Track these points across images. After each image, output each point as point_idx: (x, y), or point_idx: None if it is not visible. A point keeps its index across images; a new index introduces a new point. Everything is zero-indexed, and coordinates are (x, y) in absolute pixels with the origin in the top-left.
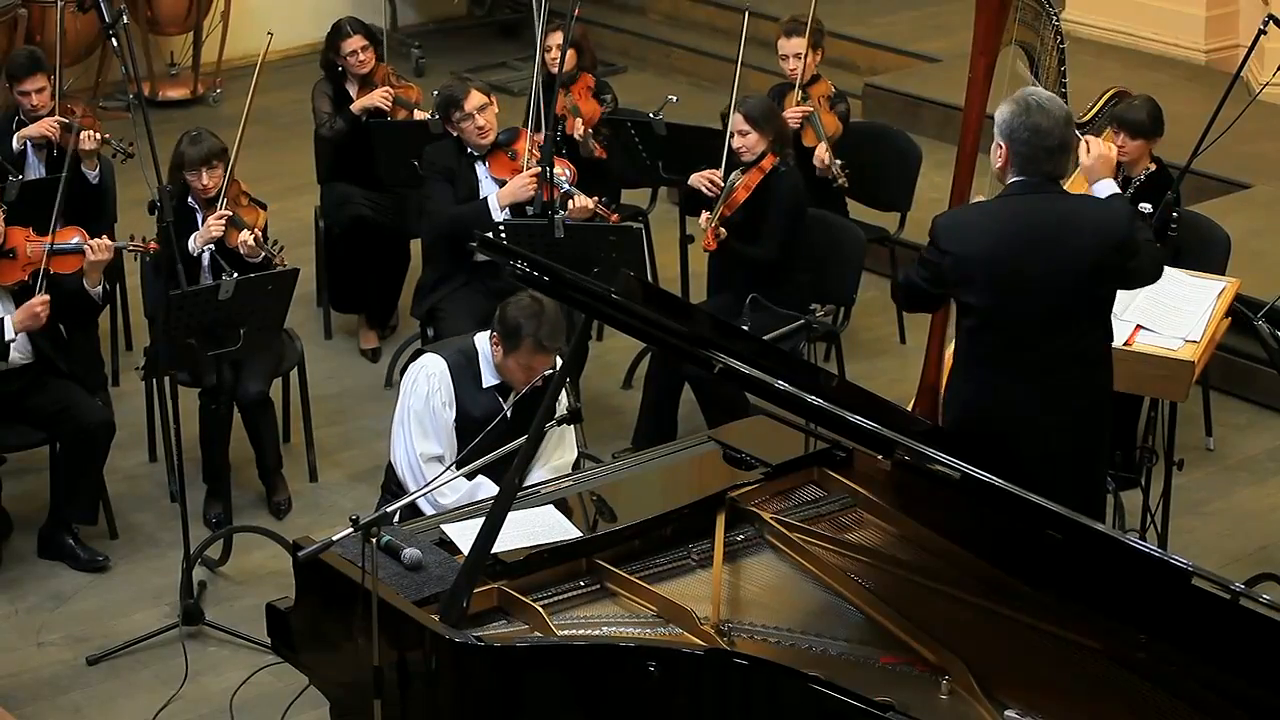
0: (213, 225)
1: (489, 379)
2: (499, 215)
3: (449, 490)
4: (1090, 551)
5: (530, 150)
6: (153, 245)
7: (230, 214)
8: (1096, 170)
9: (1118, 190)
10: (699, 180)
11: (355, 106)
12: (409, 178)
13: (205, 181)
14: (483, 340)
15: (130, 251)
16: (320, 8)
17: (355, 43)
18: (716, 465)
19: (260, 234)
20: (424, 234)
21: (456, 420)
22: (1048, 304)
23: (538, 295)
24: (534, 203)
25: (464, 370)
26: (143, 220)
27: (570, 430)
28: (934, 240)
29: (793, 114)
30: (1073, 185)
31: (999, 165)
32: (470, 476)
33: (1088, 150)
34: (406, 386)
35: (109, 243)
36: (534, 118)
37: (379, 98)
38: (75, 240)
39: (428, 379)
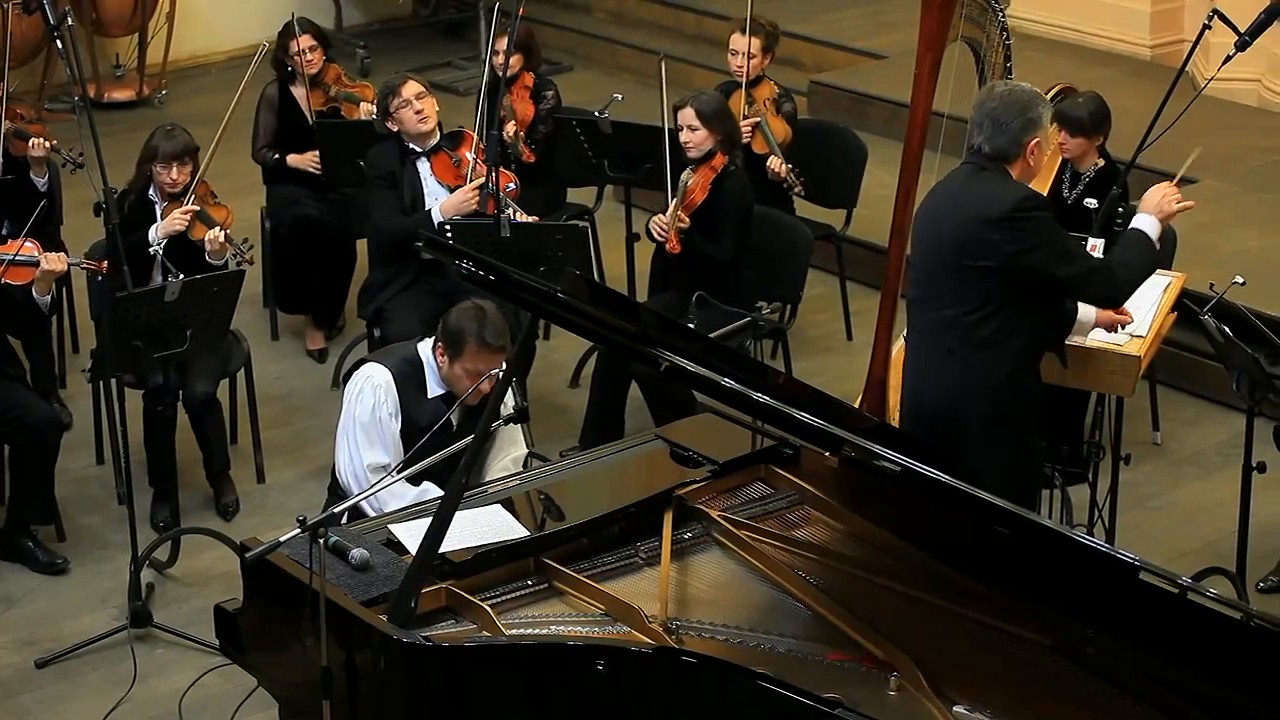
0: (176, 219)
1: (434, 389)
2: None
3: (392, 497)
4: (1038, 546)
5: (475, 159)
6: (104, 266)
7: (198, 209)
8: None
9: (1153, 226)
10: (653, 228)
11: (291, 160)
12: (355, 178)
13: (174, 176)
14: (425, 349)
15: (82, 269)
16: (266, 9)
17: (304, 41)
18: (664, 463)
19: (228, 232)
20: (369, 240)
21: (403, 430)
22: (927, 267)
23: (480, 301)
24: (478, 215)
25: (409, 380)
26: (89, 222)
27: (517, 427)
28: None
29: (743, 125)
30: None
31: None
32: (415, 482)
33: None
34: (351, 395)
35: (64, 256)
36: (481, 119)
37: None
38: (32, 253)
39: (374, 390)
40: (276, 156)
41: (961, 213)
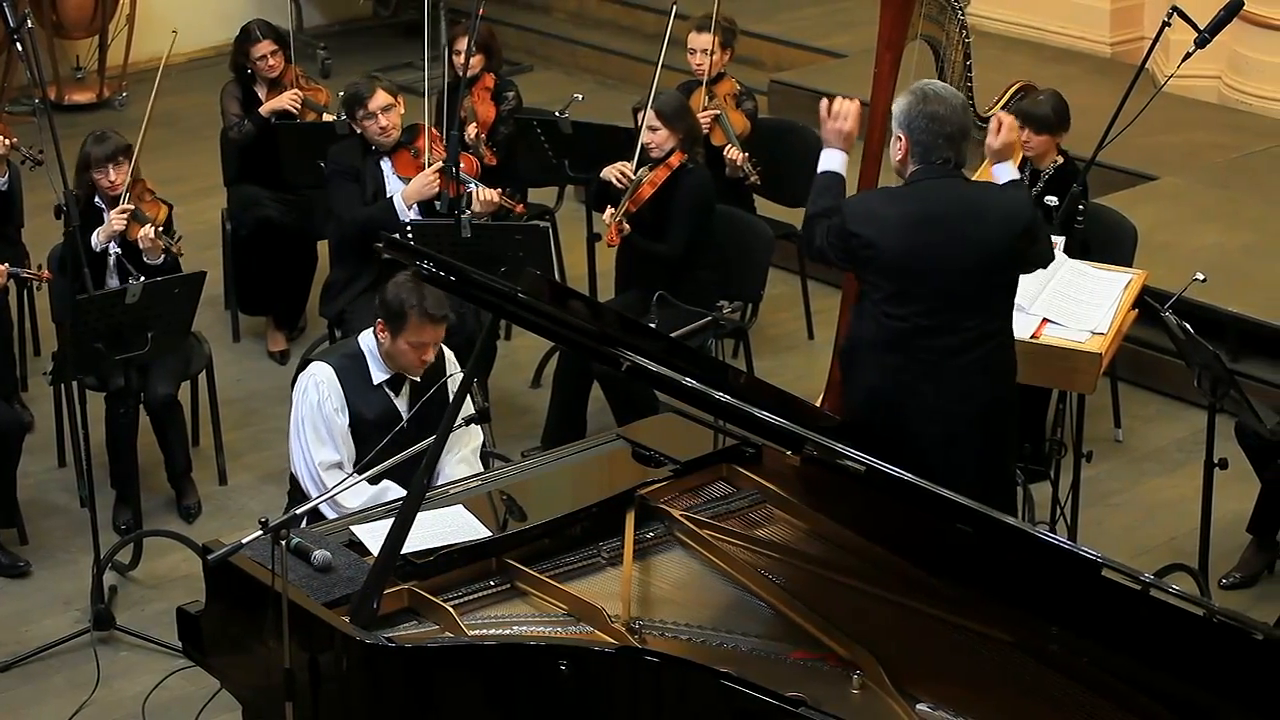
0: (115, 219)
1: (379, 375)
2: (406, 214)
3: (353, 494)
4: (1000, 544)
5: (431, 145)
6: (46, 275)
7: (133, 208)
8: (1002, 154)
9: (1017, 176)
10: (610, 172)
11: (264, 109)
12: (315, 179)
13: (112, 178)
14: (367, 338)
15: (23, 277)
16: (226, 10)
17: (265, 47)
18: (626, 463)
19: (159, 228)
20: (332, 236)
21: (351, 424)
22: (948, 289)
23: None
24: (440, 198)
25: (352, 372)
26: (49, 225)
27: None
28: (844, 220)
29: (702, 117)
30: (982, 174)
31: (898, 158)
32: (374, 481)
33: (998, 131)
34: (297, 396)
35: (5, 269)
36: (442, 120)
37: (288, 100)
38: None
39: (316, 387)
40: (249, 128)
41: (986, 229)
